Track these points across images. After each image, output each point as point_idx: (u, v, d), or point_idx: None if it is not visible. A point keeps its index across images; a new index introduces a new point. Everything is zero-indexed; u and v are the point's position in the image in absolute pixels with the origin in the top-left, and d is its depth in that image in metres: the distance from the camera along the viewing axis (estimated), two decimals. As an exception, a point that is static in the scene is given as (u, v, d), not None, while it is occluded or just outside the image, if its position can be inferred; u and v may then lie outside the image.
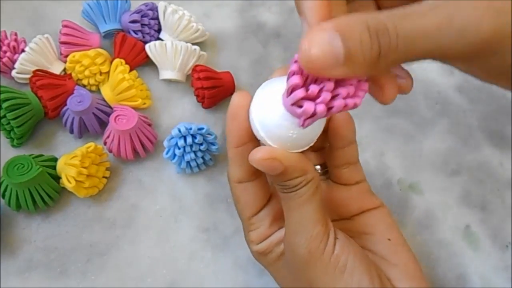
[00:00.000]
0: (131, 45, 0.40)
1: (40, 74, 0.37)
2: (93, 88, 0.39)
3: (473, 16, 0.18)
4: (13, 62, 0.38)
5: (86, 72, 0.38)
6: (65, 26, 0.40)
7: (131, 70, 0.38)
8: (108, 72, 0.39)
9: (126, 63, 0.38)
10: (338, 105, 0.20)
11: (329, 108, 0.20)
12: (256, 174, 0.27)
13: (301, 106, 0.21)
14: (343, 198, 0.30)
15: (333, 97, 0.20)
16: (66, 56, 0.39)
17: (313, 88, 0.20)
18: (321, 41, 0.18)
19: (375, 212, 0.29)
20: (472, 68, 0.21)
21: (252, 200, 0.28)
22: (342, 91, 0.20)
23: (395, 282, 0.26)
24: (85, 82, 0.39)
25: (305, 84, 0.20)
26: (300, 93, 0.20)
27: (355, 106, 0.20)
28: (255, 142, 0.26)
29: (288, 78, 0.21)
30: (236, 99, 0.25)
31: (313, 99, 0.20)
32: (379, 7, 0.27)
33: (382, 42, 0.19)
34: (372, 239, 0.28)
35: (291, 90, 0.21)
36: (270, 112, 0.23)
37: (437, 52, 0.19)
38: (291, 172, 0.24)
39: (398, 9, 0.19)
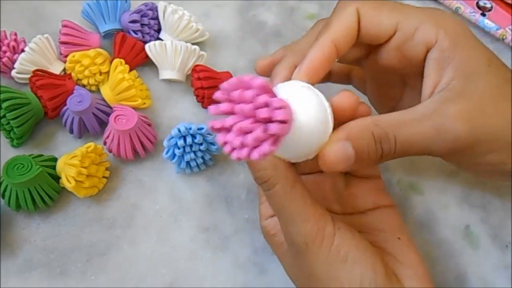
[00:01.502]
0: (131, 45, 0.40)
1: (40, 74, 0.37)
2: (93, 88, 0.39)
3: (453, 125, 0.24)
4: (13, 62, 0.38)
5: (86, 72, 0.38)
6: (65, 26, 0.40)
7: (131, 70, 0.38)
8: (107, 72, 0.39)
9: (126, 63, 0.38)
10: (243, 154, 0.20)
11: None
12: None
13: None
14: (360, 192, 0.30)
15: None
16: (66, 56, 0.39)
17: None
18: (338, 150, 0.23)
19: (388, 210, 0.29)
20: (458, 163, 0.28)
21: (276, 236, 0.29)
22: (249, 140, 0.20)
23: (403, 281, 0.26)
24: (84, 82, 0.39)
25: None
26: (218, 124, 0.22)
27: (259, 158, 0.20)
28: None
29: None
30: None
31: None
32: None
33: (384, 148, 0.24)
34: (383, 236, 0.28)
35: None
36: None
37: (427, 152, 0.26)
38: (256, 165, 0.26)
39: (393, 115, 0.25)
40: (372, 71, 0.32)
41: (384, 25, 0.27)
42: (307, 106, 0.22)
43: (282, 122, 0.20)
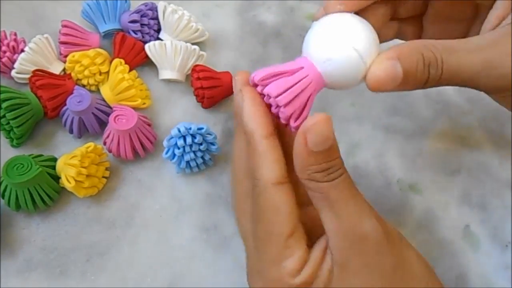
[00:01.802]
0: (131, 45, 0.40)
1: (39, 74, 0.37)
2: (93, 88, 0.39)
3: (506, 63, 0.23)
4: (13, 62, 0.38)
5: (86, 72, 0.38)
6: (65, 26, 0.40)
7: (130, 70, 0.38)
8: (107, 72, 0.39)
9: (126, 63, 0.38)
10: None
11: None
12: (288, 176, 0.24)
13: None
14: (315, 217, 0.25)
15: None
16: (66, 56, 0.39)
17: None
18: (387, 67, 0.23)
19: None
20: (500, 99, 0.27)
21: (294, 209, 0.23)
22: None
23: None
24: (84, 82, 0.39)
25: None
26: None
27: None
28: (277, 131, 0.24)
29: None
30: (240, 78, 0.25)
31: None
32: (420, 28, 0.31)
33: (431, 73, 0.24)
34: None
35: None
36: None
37: (472, 85, 0.25)
38: (335, 148, 0.22)
39: (447, 42, 0.24)
40: (438, 1, 0.30)
41: None
42: (352, 30, 0.24)
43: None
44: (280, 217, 0.23)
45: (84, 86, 0.39)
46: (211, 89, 0.38)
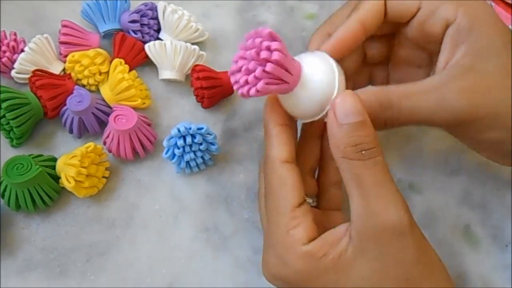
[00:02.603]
0: (131, 45, 0.40)
1: (39, 74, 0.37)
2: (93, 88, 0.39)
3: (456, 101, 0.25)
4: (13, 62, 0.38)
5: (86, 72, 0.38)
6: (65, 26, 0.40)
7: (130, 70, 0.38)
8: (107, 72, 0.39)
9: (126, 63, 0.38)
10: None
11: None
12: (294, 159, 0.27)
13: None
14: (337, 223, 0.27)
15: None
16: (66, 56, 0.39)
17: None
18: (351, 99, 0.24)
19: None
20: (458, 137, 0.29)
21: (300, 183, 0.25)
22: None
23: None
24: (84, 82, 0.39)
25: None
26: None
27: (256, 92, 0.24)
28: (294, 122, 0.28)
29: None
30: None
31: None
32: (387, 72, 0.33)
33: (388, 115, 0.26)
34: None
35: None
36: None
37: (429, 123, 0.27)
38: (371, 125, 0.24)
39: (402, 86, 0.26)
40: (400, 49, 0.32)
41: (407, 4, 0.28)
42: (317, 67, 0.26)
43: (279, 64, 0.23)
44: (286, 190, 0.25)
45: (84, 86, 0.39)
46: (211, 89, 0.38)
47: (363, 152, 0.23)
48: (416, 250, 0.24)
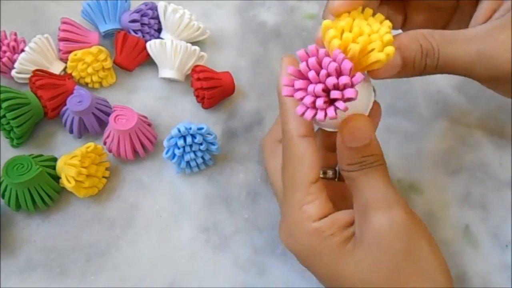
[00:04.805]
0: (133, 43, 0.40)
1: (39, 74, 0.37)
2: (96, 85, 0.40)
3: (500, 53, 0.24)
4: (13, 62, 0.38)
5: (89, 70, 0.38)
6: (64, 23, 0.40)
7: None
8: (110, 69, 0.39)
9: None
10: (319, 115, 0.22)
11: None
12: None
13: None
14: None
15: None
16: (65, 52, 0.39)
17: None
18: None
19: None
20: (496, 90, 0.28)
21: (317, 159, 0.25)
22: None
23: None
24: (88, 80, 0.39)
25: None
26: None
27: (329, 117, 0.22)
28: None
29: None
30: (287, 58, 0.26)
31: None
32: (405, 12, 0.32)
33: (428, 62, 0.25)
34: None
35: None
36: None
37: (467, 74, 0.26)
38: (375, 144, 0.25)
39: (444, 32, 0.25)
40: None
41: None
42: (362, 90, 0.24)
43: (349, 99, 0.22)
44: (303, 165, 0.25)
45: (87, 84, 0.39)
46: (211, 89, 0.38)
47: (364, 168, 0.25)
48: (408, 248, 0.24)
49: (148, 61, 0.41)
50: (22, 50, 0.38)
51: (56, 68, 0.39)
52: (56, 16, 0.42)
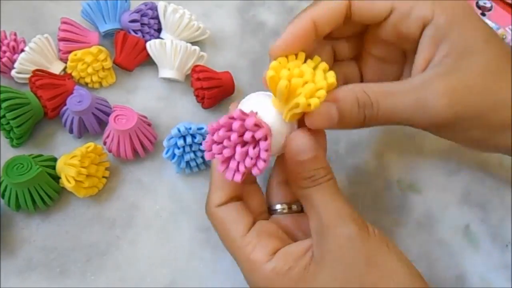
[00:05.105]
0: (133, 43, 0.40)
1: (39, 74, 0.37)
2: (96, 85, 0.40)
3: (435, 101, 0.25)
4: (13, 62, 0.38)
5: (89, 70, 0.38)
6: (64, 23, 0.40)
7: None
8: (110, 69, 0.39)
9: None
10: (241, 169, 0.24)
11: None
12: (236, 198, 0.28)
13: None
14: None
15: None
16: (65, 52, 0.39)
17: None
18: (322, 109, 0.24)
19: None
20: (441, 136, 0.29)
21: (240, 217, 0.27)
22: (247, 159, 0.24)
23: None
24: (87, 80, 0.39)
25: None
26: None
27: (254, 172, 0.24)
28: None
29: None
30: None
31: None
32: (359, 68, 0.33)
33: (367, 113, 0.26)
34: None
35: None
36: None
37: (409, 123, 0.27)
38: (322, 157, 0.26)
39: (382, 85, 0.26)
40: (372, 47, 0.31)
41: (377, 8, 0.27)
42: (270, 113, 0.26)
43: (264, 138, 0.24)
44: (227, 226, 0.27)
45: (87, 84, 0.39)
46: (211, 89, 0.38)
47: (315, 180, 0.25)
48: (367, 255, 0.25)
49: (148, 61, 0.41)
50: (22, 50, 0.38)
51: (56, 68, 0.39)
52: (56, 16, 0.42)
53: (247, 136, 0.24)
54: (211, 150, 0.25)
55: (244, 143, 0.24)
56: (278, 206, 0.30)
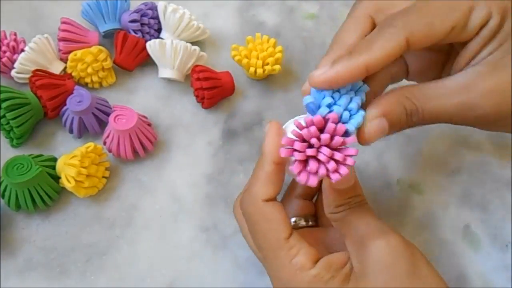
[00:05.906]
0: (133, 43, 0.40)
1: (39, 74, 0.37)
2: (96, 85, 0.40)
3: (480, 103, 0.25)
4: (13, 62, 0.38)
5: (89, 70, 0.38)
6: (64, 23, 0.40)
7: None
8: (110, 69, 0.39)
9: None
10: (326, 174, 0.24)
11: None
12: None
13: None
14: (336, 238, 0.30)
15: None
16: (65, 52, 0.39)
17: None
18: (375, 125, 0.25)
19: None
20: (481, 128, 0.28)
21: (286, 218, 0.26)
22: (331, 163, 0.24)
23: None
24: (87, 80, 0.39)
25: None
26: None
27: (337, 178, 0.24)
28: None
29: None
30: (273, 124, 0.27)
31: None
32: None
33: (414, 119, 0.26)
34: None
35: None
36: None
37: (452, 123, 0.26)
38: (358, 184, 0.27)
39: (425, 87, 0.26)
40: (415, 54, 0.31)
41: (437, 35, 0.26)
42: None
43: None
44: (273, 225, 0.26)
45: (86, 84, 0.39)
46: (211, 89, 0.38)
47: (351, 206, 0.26)
48: (410, 266, 0.25)
49: (148, 61, 0.41)
50: (22, 50, 0.38)
51: (56, 68, 0.39)
52: (56, 16, 0.42)
53: (337, 141, 0.24)
54: (292, 145, 0.24)
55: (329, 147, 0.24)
56: (295, 219, 0.31)
